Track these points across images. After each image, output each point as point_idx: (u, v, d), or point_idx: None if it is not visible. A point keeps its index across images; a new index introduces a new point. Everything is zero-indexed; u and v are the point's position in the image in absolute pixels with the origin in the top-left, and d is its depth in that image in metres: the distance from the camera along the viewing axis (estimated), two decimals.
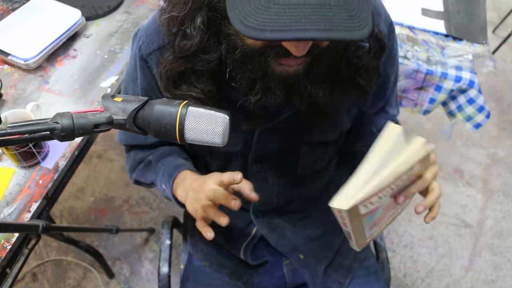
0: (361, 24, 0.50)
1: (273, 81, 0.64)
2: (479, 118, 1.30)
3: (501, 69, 2.55)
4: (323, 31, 0.48)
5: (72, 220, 1.80)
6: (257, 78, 0.64)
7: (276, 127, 0.80)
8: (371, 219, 0.67)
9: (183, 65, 0.69)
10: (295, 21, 0.48)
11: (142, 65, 0.79)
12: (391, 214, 0.74)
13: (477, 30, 1.39)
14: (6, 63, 1.16)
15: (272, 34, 0.49)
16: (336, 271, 1.00)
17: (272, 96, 0.66)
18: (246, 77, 0.65)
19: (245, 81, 0.66)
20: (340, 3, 0.50)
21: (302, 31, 0.48)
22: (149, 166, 0.91)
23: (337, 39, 0.50)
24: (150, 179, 0.90)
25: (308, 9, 0.49)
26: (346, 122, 0.86)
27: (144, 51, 0.77)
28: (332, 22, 0.49)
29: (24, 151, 0.93)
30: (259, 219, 0.98)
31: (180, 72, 0.70)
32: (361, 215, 0.63)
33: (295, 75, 0.64)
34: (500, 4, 2.91)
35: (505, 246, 1.85)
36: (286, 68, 0.63)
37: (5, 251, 0.87)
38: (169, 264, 1.07)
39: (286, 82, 0.64)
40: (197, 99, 0.71)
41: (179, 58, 0.69)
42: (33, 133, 0.49)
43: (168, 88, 0.73)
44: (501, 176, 2.07)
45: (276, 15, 0.49)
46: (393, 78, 0.87)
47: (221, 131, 0.53)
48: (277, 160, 0.88)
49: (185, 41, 0.67)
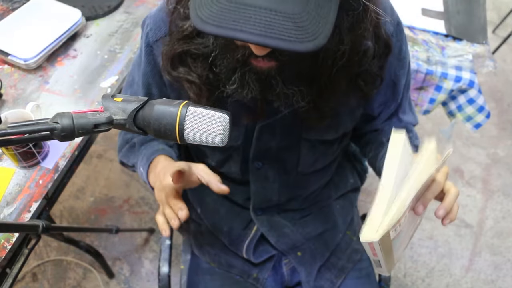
0: (305, 38, 0.49)
1: (248, 73, 0.65)
2: (479, 118, 1.30)
3: (501, 69, 2.55)
4: (257, 35, 0.49)
5: (72, 220, 1.80)
6: (236, 68, 0.65)
7: (277, 123, 0.80)
8: (399, 239, 0.66)
9: (181, 47, 0.70)
10: (235, 19, 0.49)
11: (148, 51, 0.80)
12: (413, 227, 0.72)
13: (477, 30, 1.38)
14: (6, 63, 1.16)
15: (211, 28, 0.50)
16: (330, 270, 1.00)
17: (247, 88, 0.66)
18: (226, 65, 0.66)
19: (224, 69, 0.67)
20: (288, 11, 0.49)
21: (237, 32, 0.49)
22: (133, 148, 0.92)
23: (270, 46, 0.50)
24: (132, 161, 0.92)
25: (252, 11, 0.49)
26: (348, 122, 0.85)
27: (151, 37, 0.78)
28: (269, 29, 0.49)
29: (24, 151, 0.92)
30: (259, 217, 0.99)
31: (178, 53, 0.72)
32: (391, 240, 0.61)
33: (268, 70, 0.64)
34: (500, 4, 2.91)
35: (505, 246, 1.85)
36: (260, 64, 0.64)
37: (5, 251, 0.87)
38: (169, 264, 1.07)
39: (259, 76, 0.65)
40: (193, 83, 0.72)
41: (177, 40, 0.70)
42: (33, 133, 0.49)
43: (167, 69, 0.75)
44: (501, 176, 2.07)
45: (221, 11, 0.50)
46: (405, 81, 0.86)
47: (221, 131, 0.53)
48: (278, 158, 0.88)
49: (182, 22, 0.68)
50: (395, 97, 0.87)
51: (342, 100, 0.76)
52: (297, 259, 1.00)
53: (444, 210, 0.65)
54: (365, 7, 0.61)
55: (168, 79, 0.77)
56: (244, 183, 0.94)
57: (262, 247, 1.01)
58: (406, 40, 0.83)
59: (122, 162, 0.98)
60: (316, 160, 0.91)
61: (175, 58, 0.73)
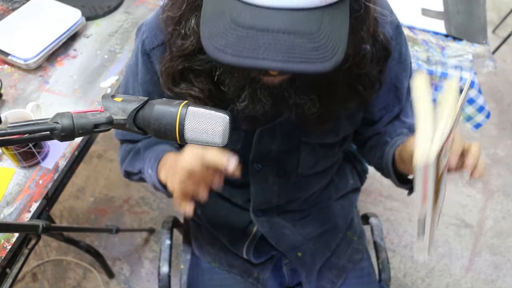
0: (326, 56, 0.49)
1: (260, 88, 0.64)
2: (479, 118, 1.30)
3: (501, 69, 2.55)
4: (280, 61, 0.48)
5: (72, 220, 1.80)
6: (245, 85, 0.64)
7: (277, 127, 0.80)
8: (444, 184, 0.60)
9: (181, 64, 0.69)
10: (255, 48, 0.48)
11: (145, 59, 0.79)
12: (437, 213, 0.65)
13: (477, 30, 1.38)
14: (6, 63, 1.16)
15: (232, 58, 0.49)
16: (330, 270, 1.00)
17: (258, 104, 0.66)
18: (234, 83, 0.65)
19: (232, 87, 0.66)
20: (306, 31, 0.48)
21: (259, 60, 0.48)
22: (137, 155, 0.89)
23: (293, 72, 0.49)
24: (138, 167, 0.87)
25: (270, 36, 0.48)
26: (348, 126, 0.85)
27: (147, 45, 0.77)
28: (291, 53, 0.48)
29: (24, 151, 0.92)
30: (259, 218, 0.99)
31: (179, 70, 0.70)
32: (439, 174, 0.55)
33: (280, 83, 0.64)
34: (500, 4, 2.91)
35: (505, 246, 1.85)
36: (272, 79, 0.63)
37: (5, 251, 0.87)
38: (169, 264, 1.07)
39: (272, 90, 0.64)
40: (196, 98, 0.71)
41: (177, 57, 0.69)
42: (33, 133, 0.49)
43: (168, 86, 0.73)
44: (501, 176, 2.07)
45: (239, 39, 0.48)
46: (408, 84, 0.85)
47: (221, 131, 0.53)
48: (278, 160, 0.88)
49: (182, 41, 0.67)
50: (398, 100, 0.86)
51: (342, 104, 0.75)
52: (298, 259, 1.00)
53: (473, 158, 0.60)
54: (366, 9, 0.60)
55: (170, 95, 0.75)
56: (244, 185, 0.94)
57: (262, 248, 1.01)
58: (406, 42, 0.82)
59: (127, 172, 0.93)
60: (317, 162, 0.91)
61: (176, 74, 0.71)
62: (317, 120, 0.73)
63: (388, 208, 1.91)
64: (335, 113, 0.77)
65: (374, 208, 1.90)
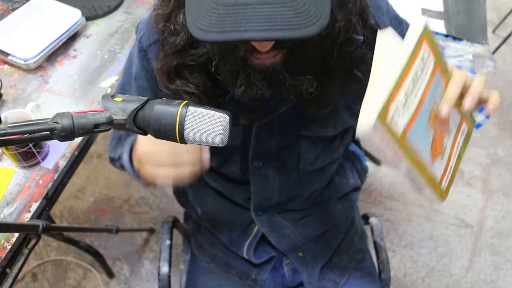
0: (309, 21, 0.50)
1: (252, 73, 0.64)
2: (479, 118, 1.30)
3: (501, 69, 2.55)
4: (262, 31, 0.49)
5: (72, 220, 1.80)
6: (239, 70, 0.65)
7: (274, 122, 0.80)
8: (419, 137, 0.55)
9: (175, 61, 0.70)
10: (236, 22, 0.50)
11: (142, 56, 0.80)
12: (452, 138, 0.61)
13: (477, 30, 1.38)
14: (6, 63, 1.16)
15: (216, 36, 0.51)
16: (332, 270, 1.00)
17: (255, 88, 0.66)
18: (228, 70, 0.66)
19: (228, 74, 0.67)
20: (286, 0, 0.50)
21: (241, 32, 0.50)
22: (119, 141, 0.90)
23: (277, 39, 0.51)
24: (118, 153, 0.87)
25: (250, 9, 0.49)
26: (347, 117, 0.84)
27: (144, 42, 0.78)
28: (272, 22, 0.49)
29: (24, 151, 0.92)
30: (260, 217, 0.99)
31: (173, 67, 0.71)
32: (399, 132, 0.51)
33: (272, 66, 0.64)
34: (500, 4, 2.91)
35: (505, 246, 1.85)
36: (263, 61, 0.63)
37: (5, 251, 0.87)
38: (169, 264, 1.07)
39: (264, 73, 0.65)
40: (192, 94, 0.72)
41: (170, 54, 0.70)
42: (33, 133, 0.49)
43: (164, 83, 0.74)
44: (501, 176, 2.07)
45: (221, 17, 0.50)
46: None
47: (221, 131, 0.53)
48: (278, 157, 0.88)
49: (174, 37, 0.68)
50: None
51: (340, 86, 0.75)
52: (299, 259, 1.00)
53: (471, 97, 0.58)
54: None
55: (167, 93, 0.76)
56: (244, 183, 0.94)
57: (263, 247, 1.01)
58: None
59: (111, 159, 0.93)
60: (317, 158, 0.91)
61: (171, 72, 0.72)
62: (316, 101, 0.73)
63: (388, 208, 1.91)
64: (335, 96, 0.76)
65: (374, 208, 1.90)
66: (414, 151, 0.55)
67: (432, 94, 0.56)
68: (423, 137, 0.56)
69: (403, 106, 0.52)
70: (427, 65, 0.55)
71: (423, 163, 0.57)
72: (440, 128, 0.59)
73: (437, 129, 0.59)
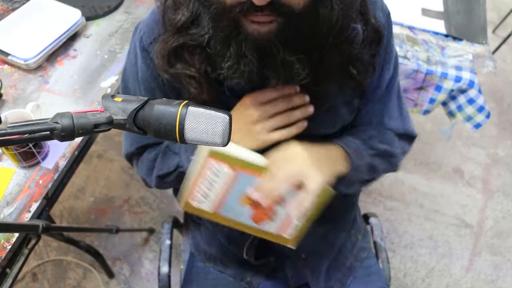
0: None
1: (245, 41, 0.63)
2: (479, 118, 1.30)
3: (501, 69, 2.55)
4: None
5: (72, 220, 1.80)
6: (231, 39, 0.63)
7: None
8: (233, 211, 0.77)
9: (176, 41, 0.69)
10: None
11: (144, 55, 0.79)
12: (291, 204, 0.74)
13: (477, 30, 1.39)
14: (6, 63, 1.16)
15: None
16: (338, 270, 1.00)
17: (243, 61, 0.64)
18: (220, 39, 0.65)
19: (219, 45, 0.66)
20: None
21: None
22: (167, 153, 0.85)
23: None
24: (173, 164, 0.83)
25: None
26: (345, 114, 0.84)
27: (145, 41, 0.78)
28: None
29: (24, 151, 0.92)
30: None
31: (173, 48, 0.70)
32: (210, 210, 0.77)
33: (267, 35, 0.62)
34: (500, 4, 2.91)
35: (505, 246, 1.85)
36: (258, 28, 0.61)
37: (5, 251, 0.87)
38: (169, 264, 1.07)
39: (258, 43, 0.63)
40: (193, 78, 0.71)
41: (171, 35, 0.69)
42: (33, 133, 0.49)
43: (164, 68, 0.73)
44: (501, 176, 2.07)
45: None
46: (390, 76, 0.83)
47: (221, 131, 0.53)
48: None
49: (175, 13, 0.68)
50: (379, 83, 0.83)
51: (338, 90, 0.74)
52: (301, 261, 0.99)
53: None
54: None
55: (166, 77, 0.75)
56: None
57: (263, 248, 1.01)
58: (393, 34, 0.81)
59: (160, 177, 0.86)
60: None
61: (171, 54, 0.71)
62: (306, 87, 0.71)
63: (388, 208, 1.91)
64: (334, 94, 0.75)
65: (374, 208, 1.90)
66: (232, 219, 0.80)
67: (238, 187, 0.74)
68: (237, 211, 0.77)
69: (204, 198, 0.76)
70: (220, 173, 0.73)
71: (245, 225, 0.80)
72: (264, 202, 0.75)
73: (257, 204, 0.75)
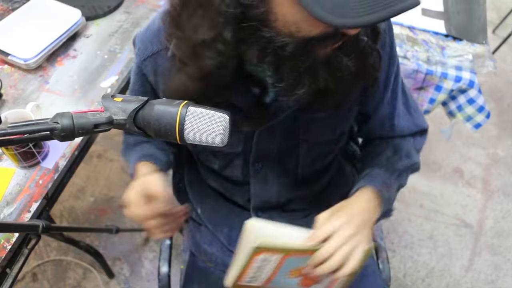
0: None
1: (318, 67, 0.61)
2: (479, 118, 1.30)
3: (501, 69, 2.55)
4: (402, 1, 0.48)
5: (72, 220, 1.80)
6: (306, 68, 0.61)
7: (275, 127, 0.80)
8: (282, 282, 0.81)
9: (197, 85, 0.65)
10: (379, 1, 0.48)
11: (139, 72, 0.82)
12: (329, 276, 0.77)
13: (477, 30, 1.38)
14: (6, 63, 1.16)
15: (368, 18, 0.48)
16: None
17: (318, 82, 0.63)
18: (296, 71, 0.62)
19: (292, 77, 0.62)
20: None
21: (391, 7, 0.48)
22: (129, 146, 0.96)
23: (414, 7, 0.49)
24: (128, 160, 0.94)
25: None
26: (344, 120, 0.85)
27: (139, 57, 0.79)
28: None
29: (24, 151, 0.92)
30: (259, 218, 0.99)
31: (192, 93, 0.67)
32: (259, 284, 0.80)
33: (334, 51, 0.61)
34: (500, 4, 2.91)
35: (505, 246, 1.85)
36: (326, 50, 0.60)
37: (5, 251, 0.87)
38: (169, 264, 1.07)
39: (327, 61, 0.62)
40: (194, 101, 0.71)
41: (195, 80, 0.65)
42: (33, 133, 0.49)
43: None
44: (501, 176, 2.07)
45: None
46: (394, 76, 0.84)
47: (221, 131, 0.53)
48: (278, 160, 0.88)
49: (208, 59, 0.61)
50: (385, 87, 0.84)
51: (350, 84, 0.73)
52: None
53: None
54: None
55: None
56: (244, 184, 0.94)
57: None
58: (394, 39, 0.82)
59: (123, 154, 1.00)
60: (315, 161, 0.91)
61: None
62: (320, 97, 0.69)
63: None
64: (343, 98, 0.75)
65: None
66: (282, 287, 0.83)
67: (287, 264, 0.77)
68: (286, 282, 0.81)
69: (254, 279, 0.79)
70: (270, 260, 0.75)
71: None
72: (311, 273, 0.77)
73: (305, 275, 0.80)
